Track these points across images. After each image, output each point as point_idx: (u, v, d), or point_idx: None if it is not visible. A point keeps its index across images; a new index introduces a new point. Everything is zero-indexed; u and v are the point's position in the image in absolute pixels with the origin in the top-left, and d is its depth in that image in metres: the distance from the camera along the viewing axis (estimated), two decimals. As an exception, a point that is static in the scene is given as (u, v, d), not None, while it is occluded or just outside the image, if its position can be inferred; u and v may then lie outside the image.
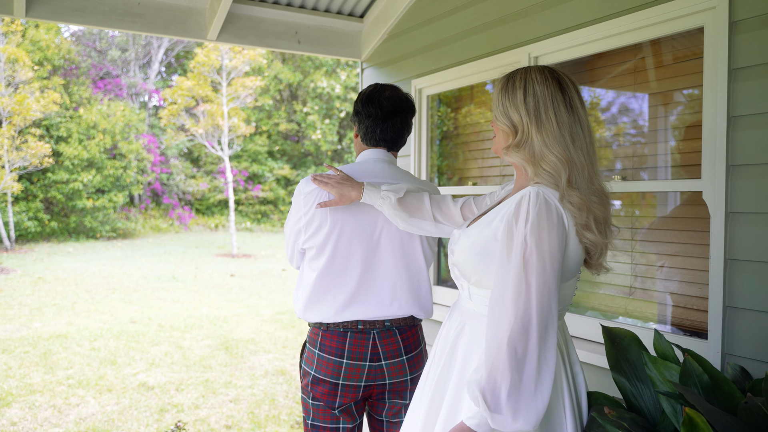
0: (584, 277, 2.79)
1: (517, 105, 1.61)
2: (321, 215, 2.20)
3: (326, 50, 4.07)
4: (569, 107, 1.60)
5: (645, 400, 1.71)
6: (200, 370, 6.80)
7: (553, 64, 2.76)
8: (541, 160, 1.59)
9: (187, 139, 22.09)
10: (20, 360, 7.05)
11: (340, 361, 2.26)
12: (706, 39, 2.11)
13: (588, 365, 2.46)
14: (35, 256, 16.27)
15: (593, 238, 1.57)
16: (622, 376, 1.76)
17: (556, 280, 1.50)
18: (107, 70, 24.92)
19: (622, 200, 2.65)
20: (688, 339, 2.24)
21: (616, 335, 1.83)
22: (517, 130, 1.62)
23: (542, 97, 1.59)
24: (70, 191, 19.70)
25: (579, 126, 1.61)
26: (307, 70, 25.15)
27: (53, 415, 5.41)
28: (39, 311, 9.77)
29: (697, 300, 2.29)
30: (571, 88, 1.63)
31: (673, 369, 1.63)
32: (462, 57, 3.28)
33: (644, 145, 2.56)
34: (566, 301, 1.68)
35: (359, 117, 2.35)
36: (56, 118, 19.91)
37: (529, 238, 1.50)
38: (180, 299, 11.04)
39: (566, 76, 1.65)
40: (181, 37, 3.71)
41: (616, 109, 2.72)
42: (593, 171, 1.62)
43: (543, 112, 1.59)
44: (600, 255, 1.65)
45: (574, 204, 1.55)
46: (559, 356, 1.63)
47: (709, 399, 1.56)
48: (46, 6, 3.28)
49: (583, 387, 1.69)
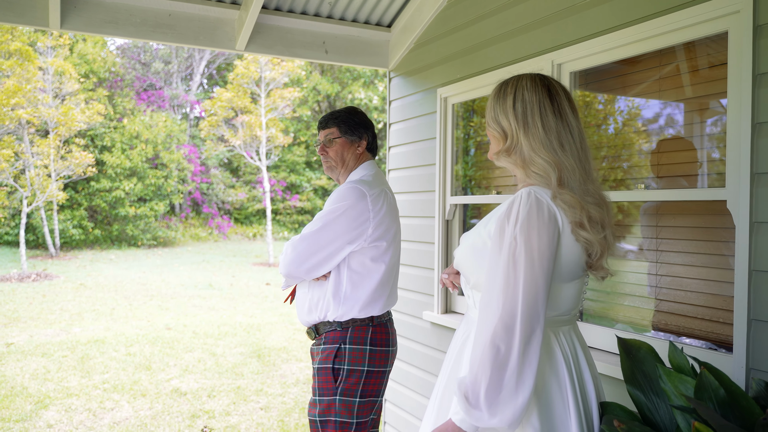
0: (604, 287, 2.74)
1: (507, 111, 1.65)
2: (386, 214, 2.53)
3: (354, 60, 4.09)
4: (557, 113, 1.62)
5: (660, 414, 1.66)
6: (232, 377, 6.87)
7: (576, 72, 2.73)
8: (531, 164, 1.62)
9: (227, 149, 22.44)
10: (59, 364, 7.22)
11: (387, 350, 2.56)
12: (730, 44, 2.06)
13: (605, 377, 2.41)
14: (78, 263, 16.70)
15: (588, 236, 1.57)
16: (636, 389, 1.71)
17: (545, 279, 1.51)
18: (150, 82, 25.53)
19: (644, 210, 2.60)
20: (713, 353, 2.17)
21: (631, 347, 1.78)
22: (507, 136, 1.65)
23: (530, 103, 1.62)
24: (112, 199, 20.19)
25: (568, 132, 1.62)
26: (345, 82, 25.35)
27: (88, 418, 5.52)
28: (79, 316, 10.01)
29: (723, 312, 2.22)
30: (561, 95, 1.65)
31: (688, 382, 1.58)
32: (486, 65, 3.27)
33: (667, 153, 2.50)
34: (570, 304, 1.66)
35: (369, 129, 2.71)
36: (100, 129, 20.47)
37: (518, 236, 1.51)
38: (215, 307, 11.18)
39: (557, 84, 1.68)
40: (211, 48, 3.77)
41: (638, 117, 2.66)
42: (586, 175, 1.63)
43: (530, 118, 1.62)
44: (599, 255, 1.63)
45: (566, 202, 1.55)
46: (564, 363, 1.61)
47: (725, 414, 1.51)
48: (80, 18, 3.38)
49: (594, 396, 1.66)
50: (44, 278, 13.77)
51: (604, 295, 2.75)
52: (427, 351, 3.80)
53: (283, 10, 3.82)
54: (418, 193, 3.94)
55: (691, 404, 1.45)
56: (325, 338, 2.55)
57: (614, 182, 2.68)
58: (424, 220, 3.86)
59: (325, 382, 2.51)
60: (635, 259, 2.64)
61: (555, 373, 1.59)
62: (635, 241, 2.65)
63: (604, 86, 2.79)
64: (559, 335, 1.64)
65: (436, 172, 3.72)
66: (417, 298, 3.93)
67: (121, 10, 3.46)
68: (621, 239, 2.24)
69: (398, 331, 4.17)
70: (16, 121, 15.64)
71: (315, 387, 2.55)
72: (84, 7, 3.39)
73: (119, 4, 3.45)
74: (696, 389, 1.53)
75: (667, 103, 2.52)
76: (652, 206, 2.55)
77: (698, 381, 1.53)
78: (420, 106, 3.93)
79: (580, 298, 1.72)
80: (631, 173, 2.64)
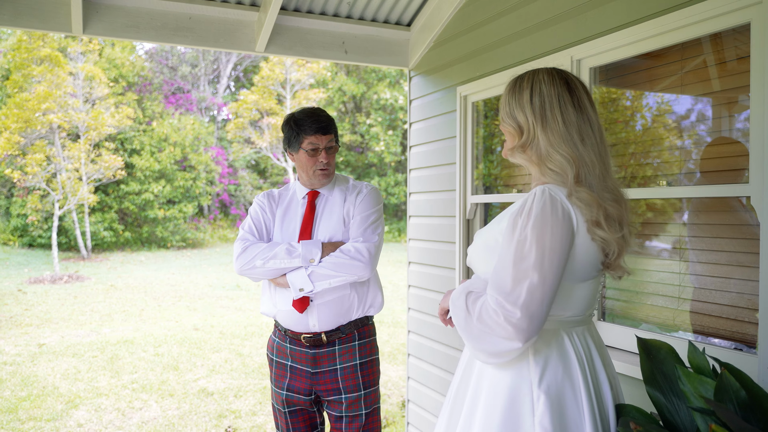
0: (627, 287, 2.69)
1: (523, 105, 1.61)
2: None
3: (373, 60, 4.08)
4: (577, 107, 1.58)
5: (681, 416, 1.62)
6: (258, 378, 6.91)
7: (596, 68, 2.69)
8: (547, 160, 1.58)
9: (253, 151, 22.61)
10: (89, 364, 7.34)
11: None
12: (753, 35, 2.00)
13: (628, 378, 2.36)
14: (109, 265, 16.97)
15: (605, 235, 1.53)
16: (656, 390, 1.67)
17: (554, 278, 1.48)
18: (178, 86, 25.85)
19: (667, 207, 2.54)
20: (738, 354, 2.12)
21: (651, 347, 1.74)
22: (523, 131, 1.61)
23: (548, 96, 1.58)
24: (142, 202, 20.48)
25: (589, 125, 1.58)
26: (371, 82, 25.37)
27: (117, 417, 5.60)
28: (109, 317, 10.17)
29: (747, 312, 2.16)
30: (580, 89, 1.61)
31: (708, 384, 1.53)
32: (505, 62, 3.23)
33: (690, 149, 2.44)
34: (584, 304, 1.64)
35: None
36: (130, 132, 20.78)
37: (530, 233, 1.48)
38: (242, 307, 11.27)
39: (575, 77, 1.64)
40: (231, 50, 3.80)
41: (660, 112, 2.61)
42: (605, 170, 1.59)
43: (549, 111, 1.57)
44: (617, 255, 1.59)
45: (582, 200, 1.51)
46: (578, 364, 1.58)
47: (746, 417, 1.46)
48: (102, 23, 3.42)
49: (609, 397, 1.63)
50: (76, 280, 14.02)
51: (628, 294, 2.70)
52: (449, 351, 3.78)
53: (302, 11, 3.83)
54: (439, 193, 3.92)
55: (710, 406, 1.41)
56: (365, 332, 2.72)
57: (642, 179, 2.63)
58: (444, 219, 3.84)
59: (374, 373, 2.71)
60: (660, 257, 2.59)
61: (569, 374, 1.56)
62: (660, 239, 2.60)
63: (624, 82, 2.74)
64: (573, 336, 1.61)
65: (456, 171, 3.69)
66: (438, 298, 3.91)
67: (142, 14, 3.49)
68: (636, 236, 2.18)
69: (419, 331, 4.16)
70: (47, 125, 15.97)
71: (360, 382, 2.66)
72: (106, 12, 3.43)
73: (140, 9, 3.49)
74: (716, 391, 1.49)
75: (687, 98, 2.47)
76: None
77: (718, 382, 1.49)
78: (440, 104, 3.91)
79: (596, 299, 1.69)
80: (655, 169, 2.58)
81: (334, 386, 2.63)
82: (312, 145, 2.61)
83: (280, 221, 2.72)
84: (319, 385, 2.64)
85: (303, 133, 2.61)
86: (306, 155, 2.63)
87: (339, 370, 2.62)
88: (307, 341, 2.62)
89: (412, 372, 4.28)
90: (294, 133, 2.64)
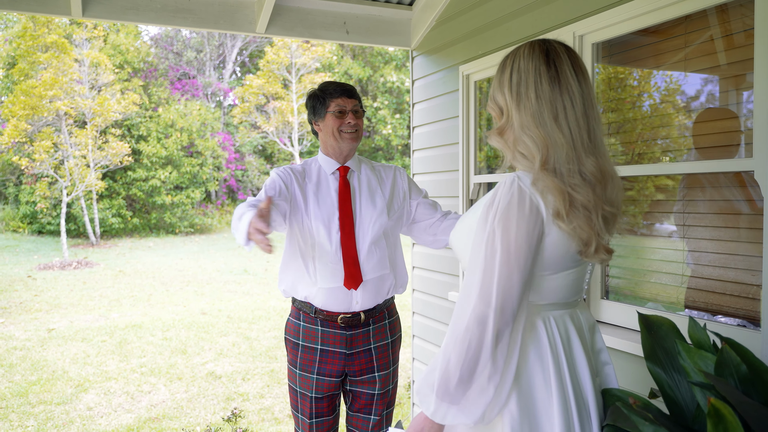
0: (630, 265, 2.67)
1: (503, 85, 1.54)
2: None
3: (375, 40, 4.05)
4: (554, 79, 1.48)
5: (681, 391, 1.61)
6: (266, 361, 6.95)
7: (599, 43, 2.65)
8: (518, 143, 1.51)
9: (260, 135, 22.59)
10: (98, 348, 7.40)
11: None
12: (757, 7, 1.96)
13: (632, 356, 2.35)
14: (118, 251, 17.07)
15: (565, 227, 1.46)
16: (657, 365, 1.66)
17: (521, 274, 1.44)
18: (184, 71, 25.81)
19: (670, 183, 2.52)
20: (742, 330, 2.10)
21: (652, 323, 1.73)
22: (503, 112, 1.55)
23: (525, 71, 1.50)
24: (149, 188, 20.55)
25: (568, 99, 1.48)
26: (377, 65, 25.25)
27: (126, 401, 5.64)
28: (117, 302, 10.24)
29: (751, 288, 2.15)
30: (562, 57, 1.50)
31: (708, 359, 1.52)
32: (507, 40, 3.20)
33: (693, 125, 2.41)
34: (565, 293, 1.59)
35: None
36: (136, 118, 20.80)
37: (497, 227, 1.44)
38: (250, 292, 11.32)
39: (559, 45, 1.53)
40: (231, 31, 3.77)
41: (663, 87, 2.57)
42: (585, 149, 1.49)
43: (523, 89, 1.49)
44: (587, 244, 1.50)
45: (546, 188, 1.45)
46: (549, 349, 1.54)
47: (747, 391, 1.45)
48: (101, 5, 3.40)
49: (588, 381, 1.58)
50: (85, 266, 14.11)
51: (632, 273, 2.68)
52: (454, 332, 3.77)
53: (302, -9, 3.79)
54: (443, 173, 3.90)
55: (710, 380, 1.40)
56: (393, 310, 2.75)
57: (646, 156, 2.61)
58: (448, 200, 3.82)
59: (399, 348, 2.75)
60: (663, 235, 2.57)
61: (540, 360, 1.53)
62: (663, 217, 2.58)
63: (627, 57, 2.70)
64: (549, 321, 1.56)
65: (459, 151, 3.67)
66: (442, 278, 3.91)
67: (142, -4, 3.47)
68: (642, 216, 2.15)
69: (424, 312, 4.16)
70: (54, 112, 16.00)
71: (390, 359, 2.69)
72: (105, -5, 3.42)
73: (139, -9, 3.47)
74: (716, 365, 1.48)
75: (693, 73, 2.43)
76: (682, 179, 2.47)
77: (719, 357, 1.48)
78: (443, 84, 3.88)
79: (581, 286, 1.64)
80: (659, 146, 2.55)
81: (369, 365, 2.62)
82: (339, 107, 2.56)
83: (314, 197, 2.57)
84: (353, 366, 2.60)
85: (329, 97, 2.58)
86: (333, 117, 2.56)
87: (373, 349, 2.62)
88: (344, 322, 2.55)
89: (417, 353, 4.28)
90: (319, 99, 2.60)
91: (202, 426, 4.96)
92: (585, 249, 1.50)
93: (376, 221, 2.56)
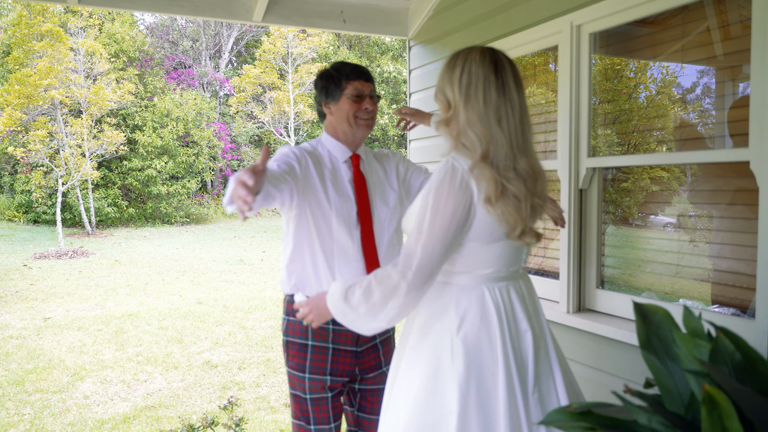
0: (626, 255, 2.68)
1: (453, 82, 1.74)
2: None
3: (372, 29, 4.04)
4: (500, 88, 1.70)
5: (676, 379, 1.62)
6: (262, 350, 6.96)
7: (596, 33, 2.65)
8: (462, 136, 1.71)
9: (256, 125, 22.53)
10: (94, 337, 7.40)
11: None
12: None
13: (628, 345, 2.37)
14: (114, 241, 17.04)
15: (493, 211, 1.68)
16: (652, 354, 1.67)
17: (443, 241, 1.67)
18: (180, 61, 25.70)
19: (666, 173, 2.52)
20: (737, 319, 2.12)
21: (647, 312, 1.74)
22: (450, 106, 1.75)
23: (476, 76, 1.71)
24: (145, 178, 20.49)
25: (510, 107, 1.71)
26: (373, 55, 25.16)
27: (123, 389, 5.65)
28: (113, 292, 10.23)
29: (746, 278, 2.16)
30: (507, 70, 1.73)
31: (703, 347, 1.53)
32: (504, 30, 3.19)
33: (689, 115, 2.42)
34: (502, 262, 1.79)
35: None
36: (132, 108, 20.71)
37: (431, 199, 1.68)
38: (246, 281, 11.32)
39: (505, 58, 1.76)
40: (227, 20, 3.76)
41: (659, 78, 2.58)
42: (520, 150, 1.72)
43: (473, 91, 1.70)
44: (514, 228, 1.72)
45: (482, 176, 1.67)
46: (496, 316, 1.74)
47: (741, 379, 1.46)
48: (97, -7, 3.39)
49: (530, 345, 1.76)
50: (80, 255, 14.09)
51: (627, 263, 2.70)
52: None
53: (299, -20, 3.78)
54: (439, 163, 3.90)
55: (705, 368, 1.41)
56: None
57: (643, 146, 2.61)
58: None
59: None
60: (659, 226, 2.58)
61: (486, 325, 1.73)
62: (660, 207, 2.59)
63: (624, 48, 2.71)
64: (494, 291, 1.77)
65: (456, 141, 3.67)
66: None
67: (138, -16, 3.46)
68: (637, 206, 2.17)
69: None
70: (49, 101, 15.91)
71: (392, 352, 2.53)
72: (101, -18, 3.40)
73: (135, -22, 3.45)
74: (711, 354, 1.49)
75: (690, 64, 2.43)
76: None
77: (713, 345, 1.49)
78: (440, 74, 3.87)
79: (518, 258, 1.83)
80: (656, 138, 2.56)
81: (377, 361, 2.52)
82: (356, 90, 2.35)
83: (333, 185, 2.35)
84: (363, 363, 2.47)
85: (345, 78, 2.35)
86: (349, 102, 2.35)
87: (379, 344, 2.52)
88: None
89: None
90: (334, 80, 2.36)
91: (198, 414, 4.97)
92: (511, 232, 1.72)
93: (392, 218, 2.41)
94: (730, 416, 1.27)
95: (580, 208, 2.77)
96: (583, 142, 2.72)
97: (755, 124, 1.97)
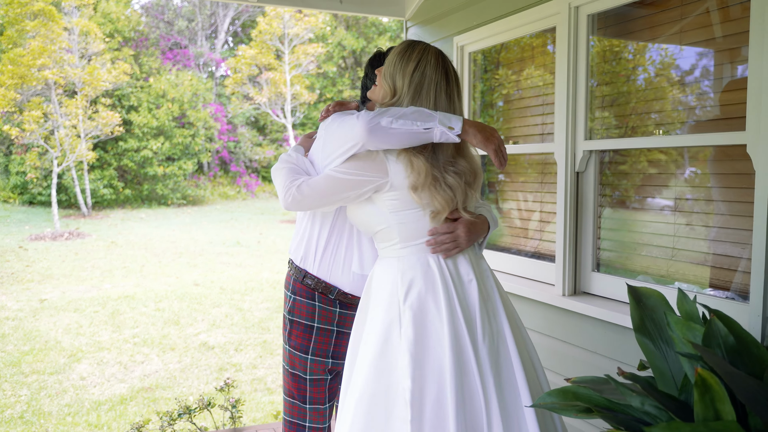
0: (622, 237, 2.68)
1: (405, 75, 1.89)
2: None
3: (369, 9, 4.00)
4: (448, 96, 1.90)
5: (669, 362, 1.63)
6: (258, 332, 6.99)
7: (594, 15, 2.63)
8: None
9: (252, 107, 22.42)
10: (90, 319, 7.42)
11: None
12: (754, -21, 1.95)
13: (624, 328, 2.38)
14: (110, 222, 17.01)
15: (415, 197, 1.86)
16: (646, 337, 1.68)
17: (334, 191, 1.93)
18: (175, 41, 25.49)
19: (662, 156, 2.52)
20: (731, 303, 2.12)
21: (642, 295, 1.74)
22: (396, 94, 1.91)
23: (429, 79, 1.88)
24: (141, 159, 20.41)
25: (457, 111, 1.93)
26: (371, 36, 24.99)
27: (119, 371, 5.68)
28: (110, 273, 10.23)
29: (740, 261, 2.16)
30: (454, 81, 1.93)
31: (697, 330, 1.54)
32: (502, 11, 3.16)
33: (686, 98, 2.41)
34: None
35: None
36: (127, 88, 20.57)
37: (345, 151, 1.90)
38: (243, 263, 11.33)
39: (453, 69, 1.95)
40: (224, 0, 3.71)
41: (657, 60, 2.56)
42: (458, 151, 1.93)
43: (424, 91, 1.88)
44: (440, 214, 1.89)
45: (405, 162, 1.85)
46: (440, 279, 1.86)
47: (734, 362, 1.47)
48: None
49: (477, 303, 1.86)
50: (77, 237, 14.07)
51: (622, 246, 2.70)
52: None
53: (295, -41, 3.74)
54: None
55: (698, 351, 1.41)
56: None
57: (640, 129, 2.60)
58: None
59: None
60: (655, 209, 2.58)
61: (432, 291, 1.84)
62: (656, 190, 2.58)
63: (622, 30, 2.68)
64: (439, 258, 1.89)
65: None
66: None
67: (131, -37, 3.41)
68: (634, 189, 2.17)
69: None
70: (43, 81, 15.79)
71: None
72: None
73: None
74: (704, 337, 1.49)
75: (689, 46, 2.42)
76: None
77: (707, 328, 1.50)
78: (437, 55, 3.84)
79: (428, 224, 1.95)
80: (653, 120, 2.55)
81: None
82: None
83: None
84: None
85: None
86: None
87: None
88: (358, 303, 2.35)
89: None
90: None
91: (195, 396, 5.00)
92: (435, 216, 1.89)
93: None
94: (722, 399, 1.28)
95: (577, 191, 2.76)
96: (580, 125, 2.71)
97: (752, 108, 1.96)
